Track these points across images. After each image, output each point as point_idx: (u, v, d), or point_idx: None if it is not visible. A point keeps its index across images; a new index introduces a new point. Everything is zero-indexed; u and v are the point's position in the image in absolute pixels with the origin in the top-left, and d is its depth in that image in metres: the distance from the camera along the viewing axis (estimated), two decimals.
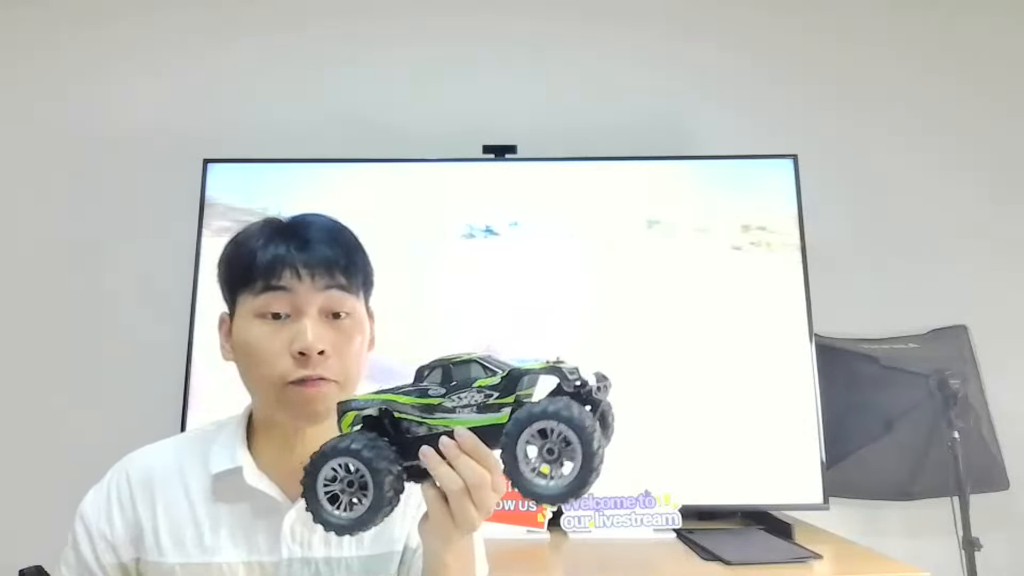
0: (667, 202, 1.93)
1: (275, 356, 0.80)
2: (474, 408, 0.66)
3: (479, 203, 1.94)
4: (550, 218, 1.92)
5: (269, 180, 1.96)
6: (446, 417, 0.67)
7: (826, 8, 2.29)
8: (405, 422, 0.68)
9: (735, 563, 1.44)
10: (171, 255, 1.99)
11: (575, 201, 1.93)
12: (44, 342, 2.09)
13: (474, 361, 0.68)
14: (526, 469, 0.61)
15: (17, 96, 2.22)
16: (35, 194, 2.16)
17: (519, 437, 0.61)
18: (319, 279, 0.81)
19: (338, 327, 0.83)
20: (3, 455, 2.01)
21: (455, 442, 0.65)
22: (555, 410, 0.60)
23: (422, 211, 1.93)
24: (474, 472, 0.65)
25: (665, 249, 1.90)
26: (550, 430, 0.60)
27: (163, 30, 2.24)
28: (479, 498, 0.66)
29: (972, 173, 2.22)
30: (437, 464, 0.66)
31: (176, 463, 0.87)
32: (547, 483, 0.61)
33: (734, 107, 2.22)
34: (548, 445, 0.61)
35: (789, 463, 1.77)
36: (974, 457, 1.86)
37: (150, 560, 0.82)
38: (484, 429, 0.65)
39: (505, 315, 1.87)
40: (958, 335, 2.10)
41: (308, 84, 2.22)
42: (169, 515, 0.83)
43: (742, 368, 1.82)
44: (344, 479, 0.66)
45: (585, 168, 1.97)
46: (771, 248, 1.89)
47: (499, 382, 0.66)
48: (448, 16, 2.25)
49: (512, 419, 0.62)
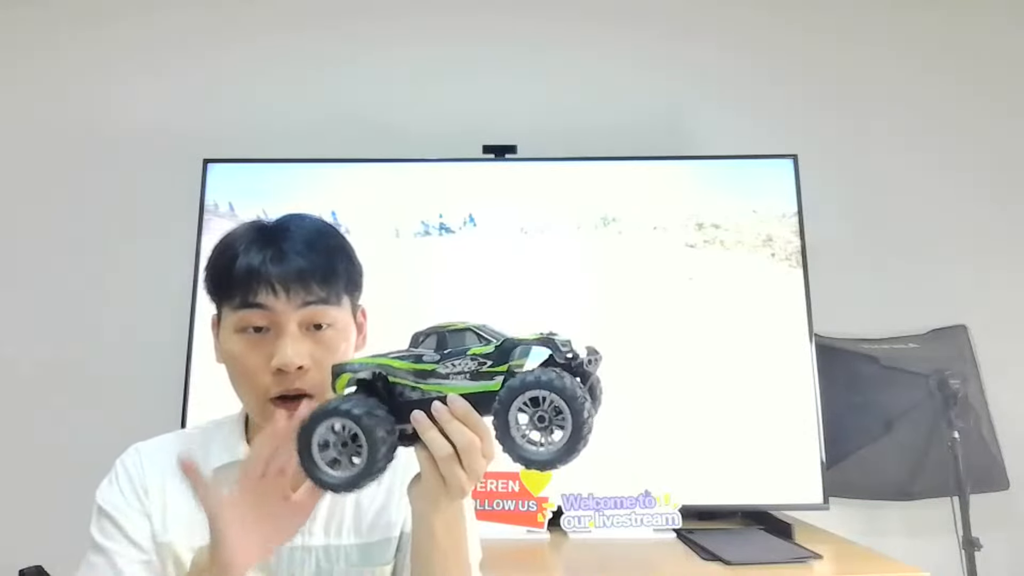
0: (667, 202, 1.93)
1: (256, 371, 0.81)
2: (467, 375, 0.68)
3: (479, 203, 1.94)
4: (550, 218, 1.92)
5: (269, 180, 1.96)
6: (439, 383, 0.68)
7: (826, 8, 2.29)
8: (399, 386, 0.70)
9: (735, 563, 1.44)
10: (171, 255, 1.99)
11: (575, 201, 1.93)
12: (44, 342, 2.09)
13: (469, 329, 0.70)
14: (517, 435, 0.64)
15: (17, 96, 2.22)
16: (35, 194, 2.16)
17: (511, 404, 0.64)
18: (295, 295, 0.80)
19: (319, 339, 0.82)
20: (3, 455, 2.01)
21: (447, 407, 0.66)
22: (547, 379, 0.63)
23: (422, 211, 1.93)
24: (464, 436, 0.66)
25: (665, 249, 1.90)
26: (542, 398, 0.63)
27: (163, 30, 2.24)
28: (468, 462, 0.67)
29: (972, 173, 2.22)
30: (427, 428, 0.67)
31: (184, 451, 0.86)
32: (536, 449, 0.64)
33: (734, 107, 2.22)
34: (539, 413, 0.63)
35: (789, 463, 1.77)
36: (974, 457, 1.86)
37: (162, 541, 0.84)
38: (476, 396, 0.67)
39: (505, 315, 1.86)
40: (958, 335, 2.10)
41: (308, 84, 2.22)
42: (179, 499, 0.84)
43: (742, 368, 1.82)
44: (338, 439, 0.68)
45: (585, 168, 1.97)
46: (773, 255, 1.89)
47: (492, 351, 0.67)
48: (448, 16, 2.25)
49: (505, 387, 0.64)
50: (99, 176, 2.16)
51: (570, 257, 1.91)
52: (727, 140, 2.11)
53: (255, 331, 0.81)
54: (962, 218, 2.19)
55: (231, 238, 0.85)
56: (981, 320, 2.10)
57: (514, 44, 2.25)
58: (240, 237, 0.84)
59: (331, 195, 1.92)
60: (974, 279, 2.15)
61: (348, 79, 2.22)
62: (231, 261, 0.82)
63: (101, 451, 0.96)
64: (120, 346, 2.07)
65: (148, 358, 2.02)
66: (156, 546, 0.84)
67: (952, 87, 2.25)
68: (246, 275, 0.80)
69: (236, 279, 0.81)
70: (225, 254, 0.83)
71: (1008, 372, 2.08)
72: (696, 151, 2.08)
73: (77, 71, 2.22)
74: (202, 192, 1.93)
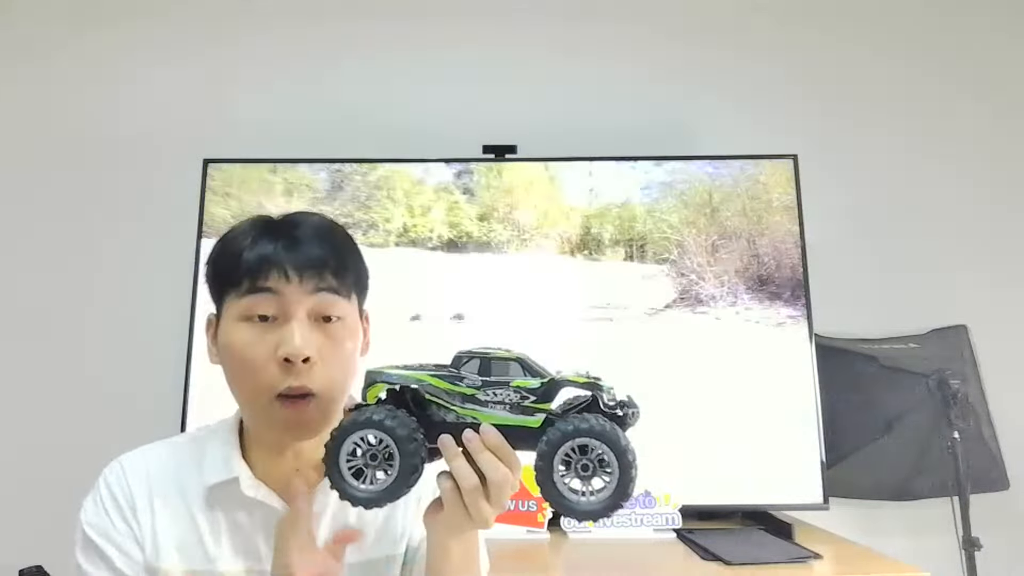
0: (666, 202, 1.93)
1: (260, 363, 0.76)
2: (507, 406, 0.66)
3: (480, 203, 1.94)
4: (548, 217, 1.92)
5: (269, 180, 1.96)
6: (477, 409, 0.66)
7: (826, 8, 2.29)
8: (433, 405, 0.67)
9: (735, 563, 1.44)
10: (171, 255, 1.99)
11: (575, 201, 1.93)
12: (44, 342, 2.09)
13: (515, 360, 0.68)
14: (559, 480, 0.62)
15: (17, 96, 2.22)
16: (35, 194, 2.16)
17: (559, 448, 0.62)
18: (308, 281, 0.77)
19: (328, 332, 0.79)
20: (3, 455, 2.01)
21: (479, 436, 0.64)
22: (600, 429, 0.61)
23: (422, 215, 1.93)
24: (498, 471, 0.64)
25: (665, 249, 1.90)
26: (591, 447, 0.61)
27: (163, 30, 2.24)
28: (496, 496, 0.65)
29: (972, 173, 2.22)
30: (455, 455, 0.64)
31: (172, 467, 0.84)
32: (579, 499, 0.62)
33: (734, 107, 2.22)
34: (584, 461, 0.61)
35: (789, 463, 1.77)
36: (974, 457, 1.86)
37: (155, 566, 0.79)
38: (511, 430, 0.65)
39: (504, 316, 1.87)
40: (958, 335, 2.10)
41: (308, 84, 2.22)
42: (169, 520, 0.81)
43: (742, 368, 1.82)
44: (367, 452, 0.66)
45: (585, 168, 1.96)
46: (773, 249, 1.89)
47: (538, 387, 0.66)
48: (448, 16, 2.25)
49: (556, 429, 0.62)
50: (99, 176, 2.16)
51: (570, 256, 1.91)
52: (727, 140, 2.11)
53: (261, 319, 0.77)
54: (962, 218, 2.19)
55: (238, 230, 0.82)
56: (981, 320, 2.10)
57: (514, 44, 2.25)
58: (248, 229, 0.81)
59: (331, 195, 1.92)
60: (974, 279, 2.15)
61: (348, 79, 2.22)
62: (240, 250, 0.78)
63: (101, 451, 0.95)
64: (120, 346, 2.07)
65: (148, 358, 2.02)
66: (150, 573, 0.79)
67: (952, 87, 2.25)
68: (257, 261, 0.77)
69: (246, 265, 0.77)
70: (233, 243, 0.80)
71: (1008, 372, 2.08)
72: (696, 151, 2.08)
73: (77, 71, 2.23)
74: (202, 192, 1.93)
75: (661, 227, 1.91)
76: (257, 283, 0.77)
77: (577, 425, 0.62)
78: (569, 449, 0.62)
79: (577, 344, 1.84)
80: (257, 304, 0.77)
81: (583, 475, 0.62)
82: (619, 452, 0.61)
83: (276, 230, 0.80)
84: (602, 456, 0.61)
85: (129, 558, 0.79)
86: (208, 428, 0.88)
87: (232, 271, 0.78)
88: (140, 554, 0.80)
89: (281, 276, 0.76)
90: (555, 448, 0.62)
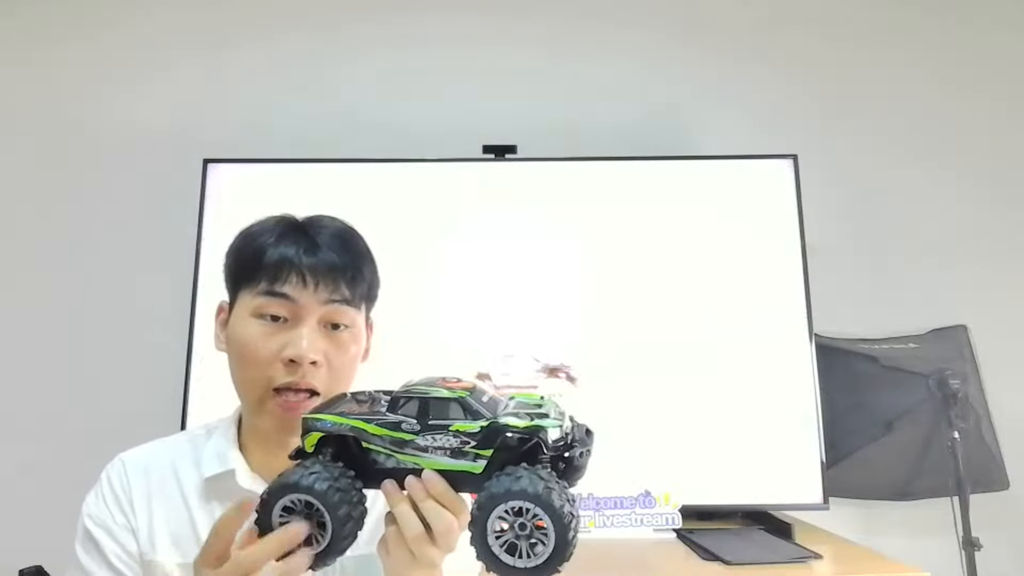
0: (666, 202, 1.93)
1: (265, 360, 0.79)
2: (447, 452, 0.63)
3: (479, 203, 1.94)
4: (549, 217, 1.92)
5: (269, 180, 1.96)
6: (417, 455, 0.64)
7: (826, 9, 2.29)
8: (372, 452, 0.65)
9: (735, 563, 1.45)
10: (171, 255, 1.99)
11: (574, 200, 1.93)
12: (44, 342, 2.09)
13: (454, 401, 0.64)
14: (493, 544, 0.59)
15: (17, 96, 2.22)
16: (35, 194, 2.16)
17: (492, 511, 0.59)
18: (323, 290, 0.80)
19: (335, 338, 0.82)
20: (3, 455, 2.01)
21: (422, 484, 0.63)
22: (535, 493, 0.58)
23: (422, 211, 1.93)
24: (442, 520, 0.62)
25: (665, 249, 1.90)
26: (525, 509, 0.58)
27: (163, 30, 2.24)
28: (443, 543, 0.63)
29: (972, 173, 2.22)
30: (399, 501, 0.63)
31: (170, 462, 0.86)
32: (515, 561, 0.59)
33: (734, 107, 2.22)
34: (521, 521, 0.59)
35: (789, 463, 1.77)
36: (974, 457, 1.86)
37: (146, 558, 0.81)
38: (454, 474, 0.63)
39: (504, 315, 1.87)
40: (958, 335, 2.10)
41: (308, 84, 2.22)
42: (165, 514, 0.83)
43: (742, 368, 1.82)
44: (301, 513, 0.63)
45: (585, 168, 1.96)
46: (773, 250, 1.89)
47: (478, 431, 0.62)
48: (449, 16, 2.25)
49: (488, 493, 0.60)
50: (99, 176, 2.16)
51: (570, 257, 1.91)
52: (727, 140, 2.11)
53: (272, 319, 0.80)
54: (962, 218, 2.19)
55: (260, 227, 0.84)
56: (981, 320, 2.10)
57: (514, 44, 2.25)
58: (271, 227, 0.83)
59: (332, 195, 1.91)
60: (974, 279, 2.15)
61: (348, 79, 2.22)
62: (263, 247, 0.81)
63: (101, 451, 0.96)
64: (120, 346, 2.07)
65: (148, 358, 2.02)
66: (143, 564, 0.81)
67: (952, 87, 2.25)
68: (278, 262, 0.79)
69: (267, 265, 0.79)
70: (256, 239, 0.82)
71: (1008, 372, 2.08)
72: (696, 151, 2.08)
73: (77, 71, 2.22)
74: (202, 192, 1.93)
75: (661, 227, 1.91)
76: (274, 286, 0.79)
77: (509, 487, 0.59)
78: (503, 511, 0.59)
79: (577, 343, 1.84)
80: (271, 305, 0.80)
81: (521, 533, 0.59)
82: (554, 516, 0.57)
83: (299, 232, 0.83)
84: (537, 517, 0.58)
85: (123, 549, 0.82)
86: (208, 425, 0.91)
87: (251, 267, 0.81)
88: (135, 546, 0.82)
89: (299, 281, 0.79)
90: (487, 512, 0.59)
